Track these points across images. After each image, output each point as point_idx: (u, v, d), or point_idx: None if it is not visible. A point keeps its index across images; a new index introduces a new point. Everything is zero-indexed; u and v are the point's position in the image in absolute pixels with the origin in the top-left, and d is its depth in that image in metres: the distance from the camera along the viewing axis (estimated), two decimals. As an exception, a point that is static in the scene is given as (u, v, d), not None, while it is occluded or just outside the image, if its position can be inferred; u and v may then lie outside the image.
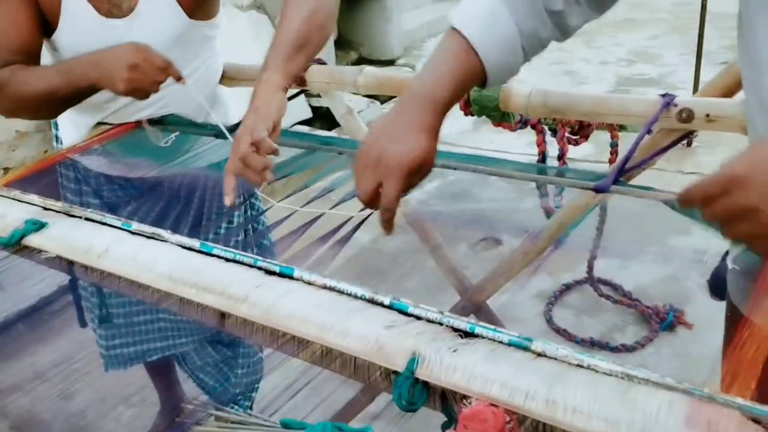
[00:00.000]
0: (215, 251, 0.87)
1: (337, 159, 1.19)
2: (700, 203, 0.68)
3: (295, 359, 0.74)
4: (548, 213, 1.61)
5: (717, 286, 1.04)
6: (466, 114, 1.36)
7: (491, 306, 1.57)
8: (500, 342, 0.66)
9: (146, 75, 1.22)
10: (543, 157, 1.68)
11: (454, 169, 1.13)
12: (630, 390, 0.59)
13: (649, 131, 1.08)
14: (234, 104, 1.56)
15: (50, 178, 1.49)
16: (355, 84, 1.37)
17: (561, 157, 1.74)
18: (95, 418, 2.13)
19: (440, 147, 0.87)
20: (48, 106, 1.32)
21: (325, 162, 1.19)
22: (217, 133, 1.28)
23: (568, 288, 2.74)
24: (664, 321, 2.50)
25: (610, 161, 1.93)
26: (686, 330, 2.47)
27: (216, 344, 1.74)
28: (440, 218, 2.76)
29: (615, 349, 2.39)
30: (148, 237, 0.93)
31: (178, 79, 1.26)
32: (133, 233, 0.94)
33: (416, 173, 0.85)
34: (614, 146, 1.86)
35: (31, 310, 1.51)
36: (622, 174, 1.03)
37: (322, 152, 1.22)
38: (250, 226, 1.54)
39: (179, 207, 1.47)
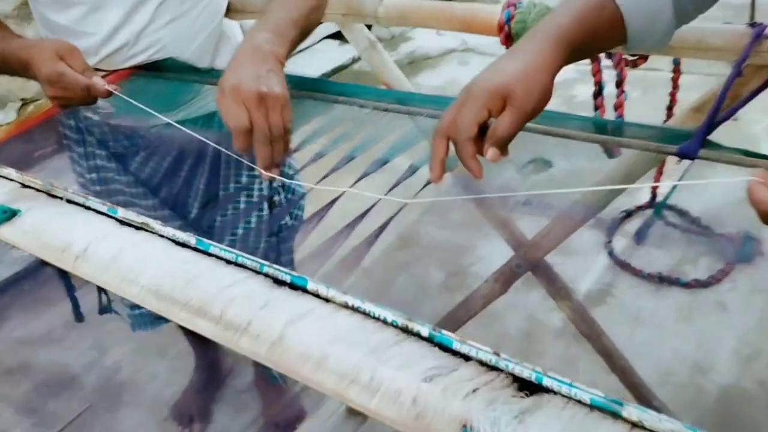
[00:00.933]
0: (213, 250, 0.71)
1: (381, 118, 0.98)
2: None
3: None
4: (610, 152, 1.40)
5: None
6: (507, 48, 1.16)
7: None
8: (579, 402, 0.49)
9: (66, 92, 1.03)
10: (600, 88, 1.46)
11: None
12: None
13: (739, 72, 0.87)
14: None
15: (50, 131, 1.34)
16: (376, 15, 1.18)
17: (620, 83, 1.52)
18: (131, 373, 2.05)
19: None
20: None
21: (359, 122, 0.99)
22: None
23: (628, 215, 2.52)
24: (741, 251, 2.28)
25: (669, 110, 1.69)
26: (766, 261, 2.25)
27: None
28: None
29: (687, 285, 2.19)
30: (137, 228, 0.76)
31: (105, 95, 1.06)
32: (119, 222, 0.78)
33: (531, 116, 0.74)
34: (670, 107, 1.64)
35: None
36: (710, 131, 0.82)
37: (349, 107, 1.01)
38: (276, 198, 1.37)
39: (191, 163, 1.31)
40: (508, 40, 1.10)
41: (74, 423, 1.90)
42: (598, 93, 1.40)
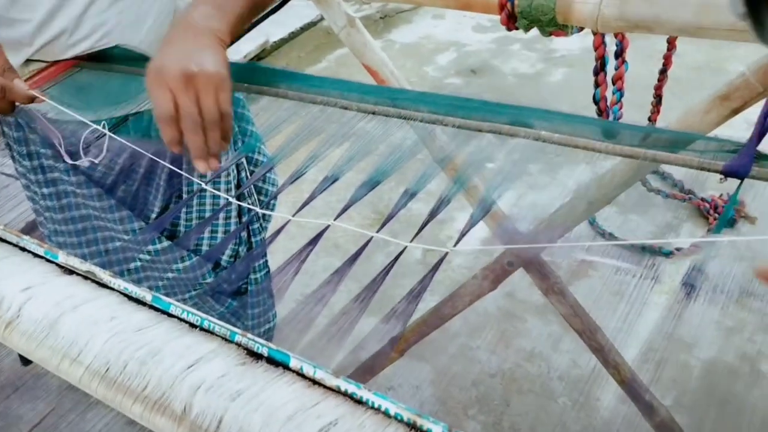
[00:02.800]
0: (173, 310, 0.60)
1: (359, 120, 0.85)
2: None
3: None
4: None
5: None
6: (509, 29, 1.04)
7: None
8: None
9: None
10: (603, 62, 1.35)
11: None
12: None
13: None
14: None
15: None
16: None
17: (620, 53, 1.42)
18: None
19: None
20: None
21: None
22: None
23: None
24: (723, 216, 2.22)
25: (662, 74, 1.59)
26: (749, 225, 2.19)
27: (219, 295, 1.50)
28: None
29: (670, 255, 2.13)
30: (83, 276, 0.65)
31: (26, 101, 0.92)
32: (61, 267, 0.66)
33: None
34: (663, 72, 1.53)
35: None
36: (761, 139, 0.71)
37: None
38: (248, 201, 1.25)
39: (149, 158, 1.18)
40: (511, 20, 0.98)
41: (40, 425, 1.80)
42: (601, 68, 1.29)
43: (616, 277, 2.11)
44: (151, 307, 0.60)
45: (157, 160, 0.94)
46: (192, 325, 0.58)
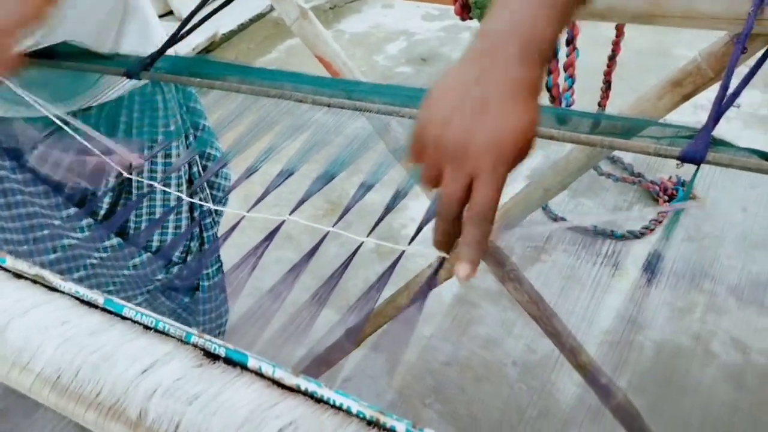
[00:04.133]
0: (126, 312, 0.58)
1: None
2: None
3: None
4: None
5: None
6: (463, 19, 1.03)
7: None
8: None
9: None
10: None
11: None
12: None
13: (744, 48, 0.76)
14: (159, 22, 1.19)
15: None
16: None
17: (570, 41, 1.43)
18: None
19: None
20: None
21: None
22: (129, 70, 0.93)
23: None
24: (673, 197, 2.26)
25: (611, 60, 1.61)
26: (699, 209, 2.23)
27: (170, 291, 1.48)
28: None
29: (622, 238, 2.16)
30: (32, 281, 0.63)
31: None
32: (8, 272, 0.64)
33: (521, 158, 0.56)
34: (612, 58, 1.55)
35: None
36: (716, 124, 0.71)
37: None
38: (201, 195, 1.23)
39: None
40: (464, 9, 0.97)
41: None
42: (552, 55, 1.30)
43: (570, 261, 2.13)
44: (104, 310, 0.58)
45: (105, 159, 0.91)
46: (146, 327, 0.56)
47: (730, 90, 0.70)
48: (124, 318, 0.58)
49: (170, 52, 0.94)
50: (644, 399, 1.52)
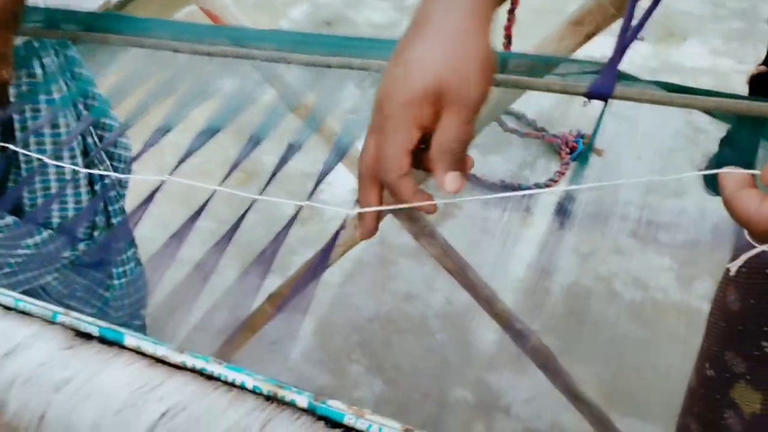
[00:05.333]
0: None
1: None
2: None
3: None
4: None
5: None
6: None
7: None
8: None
9: None
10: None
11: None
12: None
13: None
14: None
15: None
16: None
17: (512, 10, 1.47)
18: None
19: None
20: None
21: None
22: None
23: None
24: (574, 150, 2.36)
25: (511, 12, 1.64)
26: (597, 157, 2.34)
27: (81, 268, 1.43)
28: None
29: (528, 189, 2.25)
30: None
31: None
32: None
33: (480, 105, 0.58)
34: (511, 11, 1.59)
35: None
36: (621, 57, 0.67)
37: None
38: (100, 166, 1.19)
39: None
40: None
41: None
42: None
43: (482, 214, 2.21)
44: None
45: None
46: (6, 308, 0.50)
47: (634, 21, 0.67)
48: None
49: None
50: (555, 339, 1.61)
